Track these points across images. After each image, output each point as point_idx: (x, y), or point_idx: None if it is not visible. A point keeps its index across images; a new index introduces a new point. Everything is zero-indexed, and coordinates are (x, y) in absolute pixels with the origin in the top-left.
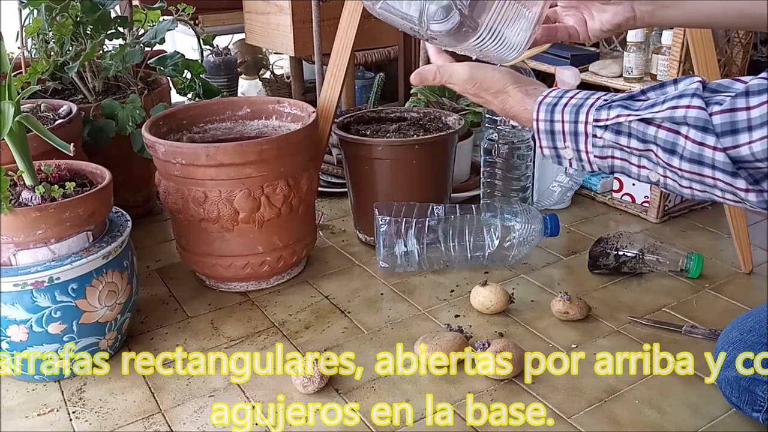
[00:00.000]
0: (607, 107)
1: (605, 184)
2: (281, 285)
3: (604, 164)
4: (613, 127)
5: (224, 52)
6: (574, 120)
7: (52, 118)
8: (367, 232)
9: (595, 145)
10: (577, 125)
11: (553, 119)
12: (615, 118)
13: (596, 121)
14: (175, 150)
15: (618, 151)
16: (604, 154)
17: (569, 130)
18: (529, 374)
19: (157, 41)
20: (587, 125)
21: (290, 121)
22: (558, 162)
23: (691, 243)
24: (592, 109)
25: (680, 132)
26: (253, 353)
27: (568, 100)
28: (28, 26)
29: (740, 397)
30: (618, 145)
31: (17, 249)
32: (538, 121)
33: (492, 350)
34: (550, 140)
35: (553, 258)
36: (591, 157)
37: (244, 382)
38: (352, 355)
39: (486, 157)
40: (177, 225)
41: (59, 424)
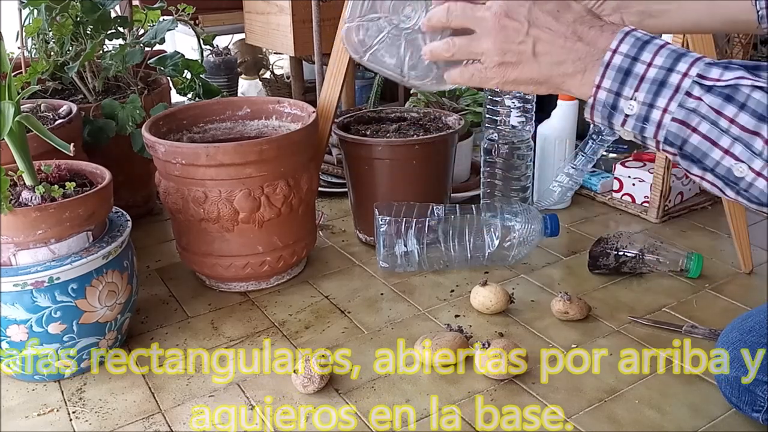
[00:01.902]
0: (721, 66)
1: (605, 184)
2: (281, 285)
3: (679, 134)
4: (724, 91)
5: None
6: (669, 67)
7: (52, 118)
8: (367, 232)
9: (683, 106)
10: (670, 74)
11: (638, 57)
12: (734, 79)
13: (701, 77)
14: (175, 150)
15: (707, 125)
16: (688, 120)
17: (654, 77)
18: (529, 374)
19: (157, 41)
20: (685, 77)
21: (290, 121)
22: (606, 115)
23: (691, 243)
24: (700, 62)
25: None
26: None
27: (665, 42)
28: (28, 26)
29: (740, 397)
30: (716, 116)
31: (17, 249)
32: (616, 52)
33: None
34: (619, 82)
35: (553, 258)
36: (666, 119)
37: (244, 382)
38: (348, 351)
39: (486, 157)
40: (177, 225)
41: (59, 424)
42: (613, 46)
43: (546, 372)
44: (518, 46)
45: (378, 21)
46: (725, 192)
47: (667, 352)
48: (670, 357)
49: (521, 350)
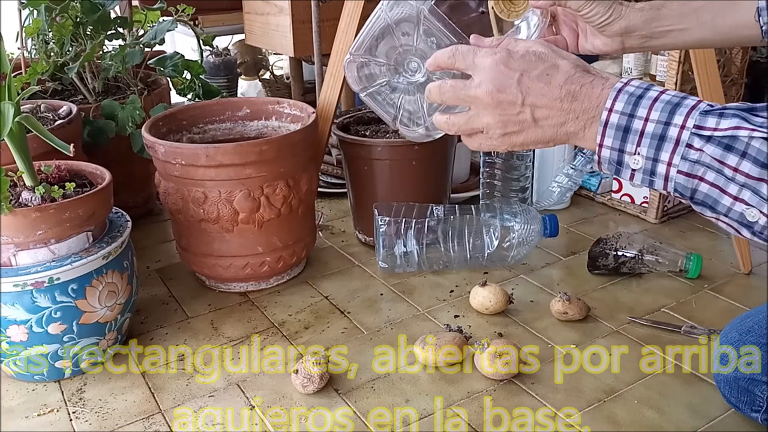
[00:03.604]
0: (716, 114)
1: (604, 184)
2: (281, 285)
3: (687, 185)
4: (723, 141)
5: (224, 53)
6: (666, 121)
7: (52, 119)
8: (366, 233)
9: (686, 158)
10: (668, 128)
11: (634, 114)
12: (730, 129)
13: (699, 128)
14: (175, 150)
15: (713, 174)
16: (693, 171)
17: (653, 132)
18: (528, 374)
19: (157, 42)
20: (683, 130)
21: (290, 121)
22: (614, 171)
23: (690, 243)
24: (695, 112)
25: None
26: (252, 354)
27: (658, 94)
28: (28, 27)
29: (739, 397)
30: (719, 165)
31: (17, 249)
32: (612, 111)
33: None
34: (619, 140)
35: (553, 258)
36: (672, 172)
37: (244, 382)
38: (347, 352)
39: (485, 157)
40: (177, 225)
41: (59, 424)
42: (608, 106)
43: (545, 372)
44: (517, 116)
45: (382, 66)
46: (741, 233)
47: (667, 352)
48: (669, 357)
49: (521, 350)
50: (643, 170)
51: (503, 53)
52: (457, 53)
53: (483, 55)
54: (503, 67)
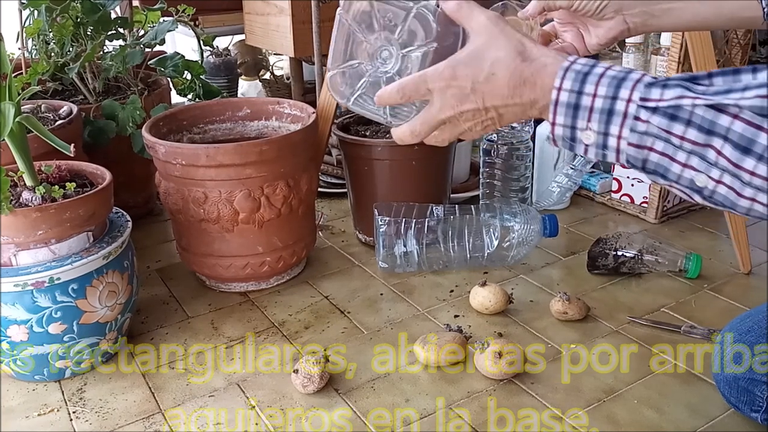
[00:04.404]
0: (660, 85)
1: (604, 184)
2: (281, 285)
3: (637, 156)
4: (668, 111)
5: (224, 53)
6: (612, 95)
7: (52, 119)
8: (366, 233)
9: (635, 131)
10: (615, 102)
11: (582, 91)
12: (674, 99)
13: (644, 100)
14: (175, 151)
15: (662, 143)
16: (643, 142)
17: (601, 107)
18: (528, 374)
19: (158, 42)
20: (629, 103)
21: (290, 121)
22: (569, 147)
23: (689, 243)
24: (640, 85)
25: (764, 127)
26: (252, 353)
27: (604, 70)
28: (29, 27)
29: (739, 397)
30: (666, 135)
31: (18, 249)
32: (561, 90)
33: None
34: (570, 117)
35: (552, 258)
36: (622, 145)
37: (244, 382)
38: (347, 351)
39: (485, 157)
40: (177, 225)
41: (59, 424)
42: (557, 84)
43: (545, 372)
44: (487, 117)
45: (359, 67)
46: (693, 198)
47: (666, 352)
48: (669, 357)
49: (520, 350)
50: (596, 145)
51: (449, 70)
52: (405, 87)
53: (433, 80)
54: (453, 82)
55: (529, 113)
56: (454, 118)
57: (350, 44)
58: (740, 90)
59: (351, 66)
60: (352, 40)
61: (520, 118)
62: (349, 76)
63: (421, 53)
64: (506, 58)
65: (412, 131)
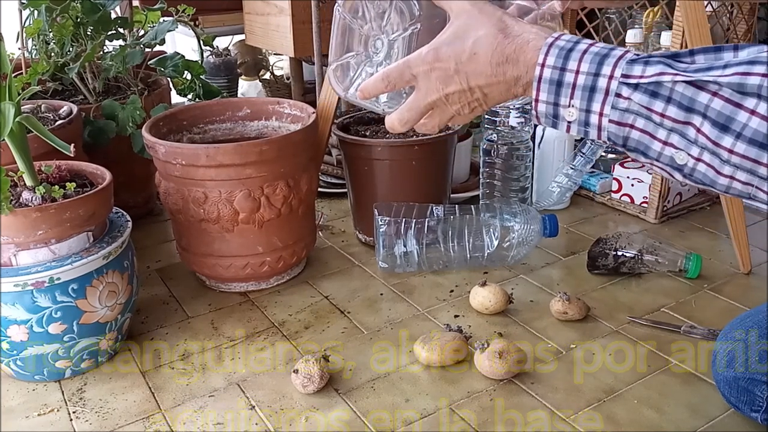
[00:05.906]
0: (642, 62)
1: (604, 184)
2: (281, 285)
3: (618, 133)
4: (649, 88)
5: (224, 53)
6: (595, 72)
7: (52, 119)
8: (366, 233)
9: (616, 107)
10: (597, 79)
11: (565, 67)
12: (655, 75)
13: (626, 77)
14: (175, 151)
15: (642, 120)
16: (624, 119)
17: (584, 84)
18: (528, 374)
19: (158, 42)
20: (611, 80)
21: (290, 121)
22: (551, 124)
23: (689, 243)
24: (622, 62)
25: (743, 105)
26: (253, 353)
27: (587, 46)
28: (29, 27)
29: (739, 397)
30: (647, 112)
31: (18, 249)
32: (544, 66)
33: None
34: (553, 94)
35: (552, 258)
36: (604, 122)
37: (244, 382)
38: (347, 351)
39: (485, 157)
40: (177, 225)
41: (59, 424)
42: (540, 61)
43: (545, 372)
44: (473, 99)
45: (355, 58)
46: (674, 176)
47: (666, 352)
48: (669, 357)
49: (520, 350)
50: (578, 122)
51: (432, 53)
52: (389, 75)
53: (416, 65)
54: (437, 64)
55: (513, 91)
56: (441, 101)
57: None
58: (720, 67)
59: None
60: (348, 33)
61: (506, 97)
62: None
63: (407, 36)
64: (488, 36)
65: (401, 119)
